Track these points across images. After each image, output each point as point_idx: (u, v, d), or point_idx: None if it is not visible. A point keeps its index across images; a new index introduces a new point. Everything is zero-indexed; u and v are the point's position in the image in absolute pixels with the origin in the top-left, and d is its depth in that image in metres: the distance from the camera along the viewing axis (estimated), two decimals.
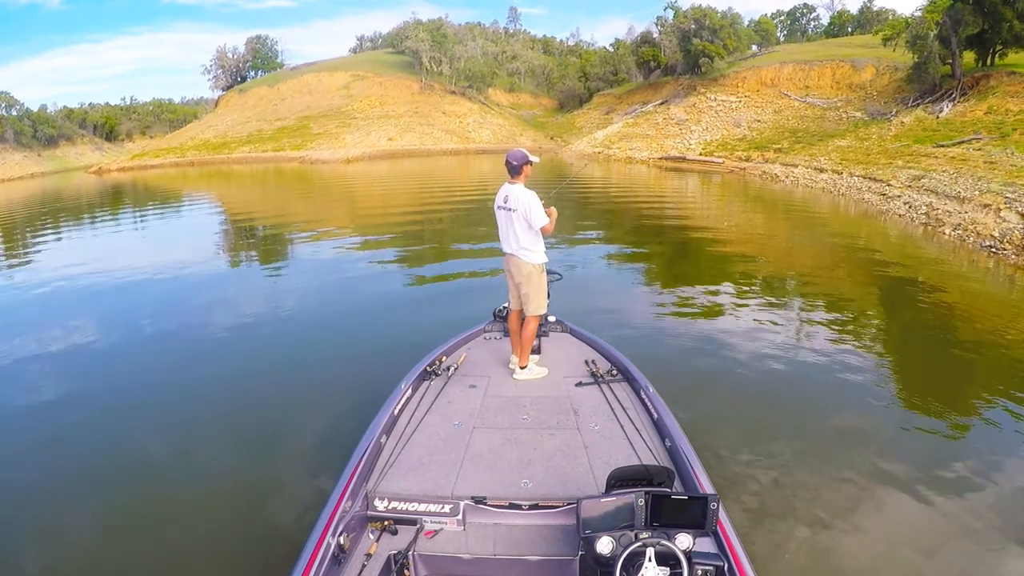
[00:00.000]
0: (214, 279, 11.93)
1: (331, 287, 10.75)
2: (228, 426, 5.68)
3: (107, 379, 7.00)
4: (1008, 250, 11.70)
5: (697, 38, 46.44)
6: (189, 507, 4.43)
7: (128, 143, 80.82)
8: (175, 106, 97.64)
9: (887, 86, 36.36)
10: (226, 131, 59.91)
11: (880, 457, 4.79)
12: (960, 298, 9.42)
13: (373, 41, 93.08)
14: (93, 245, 16.99)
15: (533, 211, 4.53)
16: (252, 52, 78.29)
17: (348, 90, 63.66)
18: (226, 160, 52.13)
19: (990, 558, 3.72)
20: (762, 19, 57.97)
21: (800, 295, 9.88)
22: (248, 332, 8.47)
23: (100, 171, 51.23)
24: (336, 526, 2.83)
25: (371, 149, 50.56)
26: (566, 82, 74.54)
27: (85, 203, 29.55)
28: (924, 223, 15.01)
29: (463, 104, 61.76)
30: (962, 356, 7.13)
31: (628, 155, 41.12)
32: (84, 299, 10.65)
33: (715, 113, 43.13)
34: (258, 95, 67.35)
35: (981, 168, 17.57)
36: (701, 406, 5.57)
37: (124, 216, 23.72)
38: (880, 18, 57.73)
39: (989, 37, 28.44)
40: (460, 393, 4.38)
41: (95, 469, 5.06)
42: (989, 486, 4.40)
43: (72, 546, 4.11)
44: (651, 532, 2.51)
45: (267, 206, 24.90)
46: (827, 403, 5.85)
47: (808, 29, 76.50)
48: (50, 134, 67.25)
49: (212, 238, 17.18)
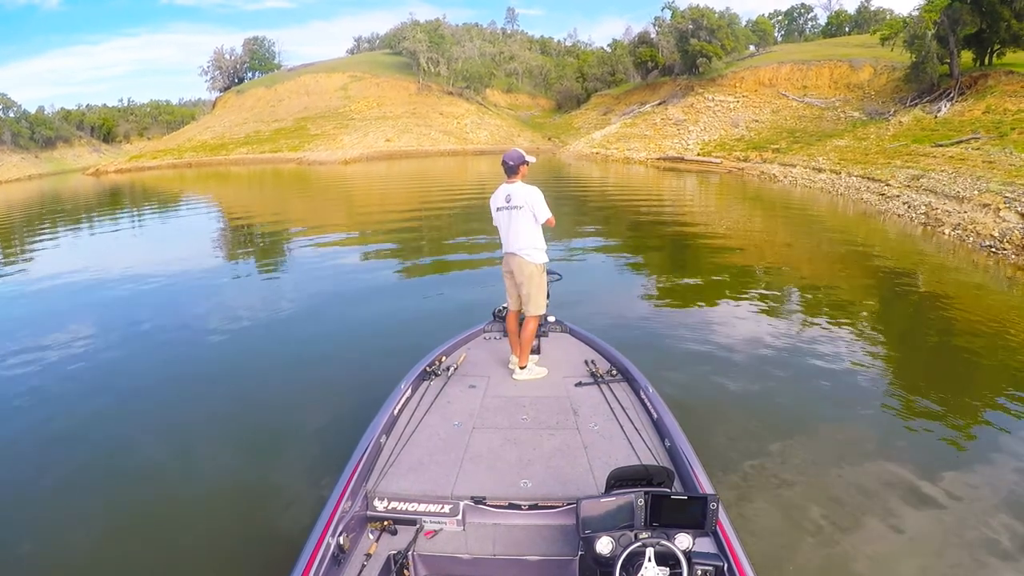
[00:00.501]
0: (213, 280, 11.86)
1: (330, 288, 10.67)
2: (228, 426, 5.67)
3: (106, 379, 6.94)
4: (1008, 250, 11.67)
5: (695, 38, 46.48)
6: (189, 507, 4.43)
7: (126, 145, 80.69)
8: (173, 107, 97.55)
9: (885, 86, 36.36)
10: (223, 132, 59.85)
11: (880, 457, 4.77)
12: (961, 299, 9.38)
13: (370, 42, 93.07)
14: (91, 247, 16.93)
15: (538, 204, 4.60)
16: (249, 53, 78.25)
17: (346, 91, 63.59)
18: (223, 161, 52.03)
19: (990, 560, 3.70)
20: (759, 19, 58.01)
21: (800, 295, 9.85)
22: (248, 333, 8.44)
23: (97, 173, 51.14)
24: (336, 526, 2.82)
25: (369, 150, 50.50)
26: (564, 83, 74.52)
27: (83, 205, 29.45)
28: (923, 223, 14.98)
29: (461, 105, 61.73)
30: (963, 357, 7.09)
31: (626, 155, 41.10)
32: (83, 301, 10.55)
33: (713, 113, 43.13)
34: (255, 96, 67.29)
35: (980, 167, 17.55)
36: (700, 406, 5.54)
37: (122, 218, 23.63)
38: (877, 18, 57.79)
39: (987, 36, 28.43)
40: (460, 393, 4.38)
41: (95, 469, 5.04)
42: (990, 487, 4.38)
43: (72, 546, 4.10)
44: (651, 532, 2.50)
45: (265, 208, 24.80)
46: (827, 403, 5.82)
47: (806, 29, 76.66)
48: (47, 136, 67.16)
49: (210, 240, 17.10)
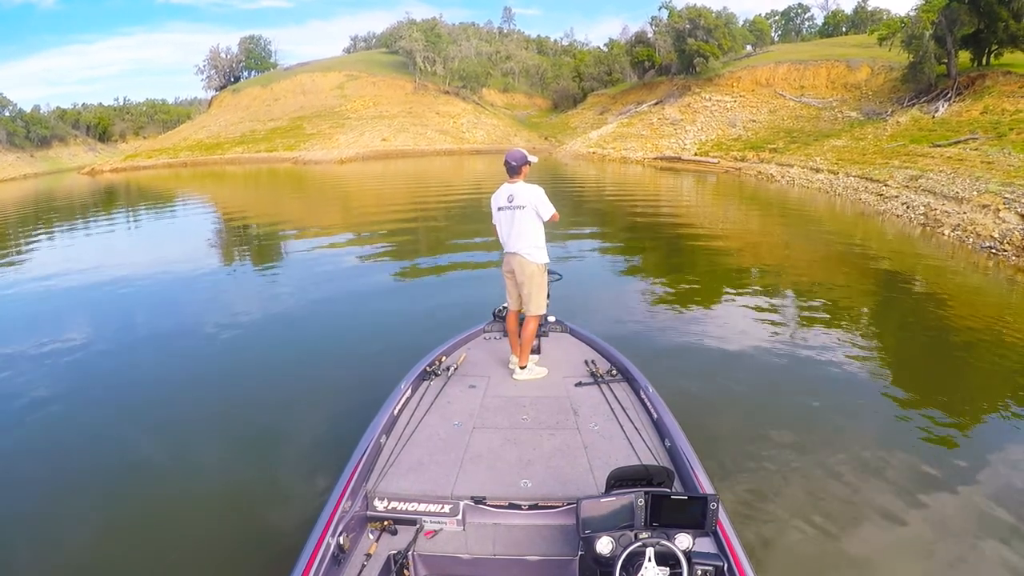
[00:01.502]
0: (211, 280, 11.70)
1: (329, 287, 10.57)
2: (228, 427, 5.64)
3: (105, 379, 6.90)
4: (1008, 251, 11.58)
5: (692, 38, 46.38)
6: (189, 507, 4.41)
7: (121, 144, 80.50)
8: (169, 107, 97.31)
9: (882, 86, 36.31)
10: (219, 132, 59.63)
11: (881, 457, 4.75)
12: (961, 301, 9.30)
13: (367, 41, 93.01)
14: (86, 247, 16.67)
15: (542, 203, 4.61)
16: (245, 52, 77.90)
17: (342, 90, 63.41)
18: (219, 161, 51.85)
19: (991, 559, 3.68)
20: (756, 19, 58.08)
21: (799, 296, 9.72)
22: (248, 333, 8.37)
23: (93, 172, 50.88)
24: (336, 526, 2.81)
25: (365, 149, 50.34)
26: (560, 82, 74.52)
27: (78, 204, 29.22)
28: (923, 224, 14.88)
29: (457, 104, 61.63)
30: (962, 357, 7.06)
31: (623, 155, 40.99)
32: (79, 301, 10.47)
33: (710, 113, 43.04)
34: (251, 95, 67.05)
35: (979, 168, 17.48)
36: (701, 406, 5.51)
37: (118, 218, 23.42)
38: (874, 18, 57.89)
39: (985, 37, 28.34)
40: (460, 393, 4.37)
41: (95, 470, 5.02)
42: (991, 487, 4.35)
43: (73, 546, 4.07)
44: (651, 532, 2.50)
45: (262, 208, 24.61)
46: (827, 404, 5.78)
47: (803, 29, 76.82)
48: (43, 135, 67.15)
49: (207, 240, 16.90)
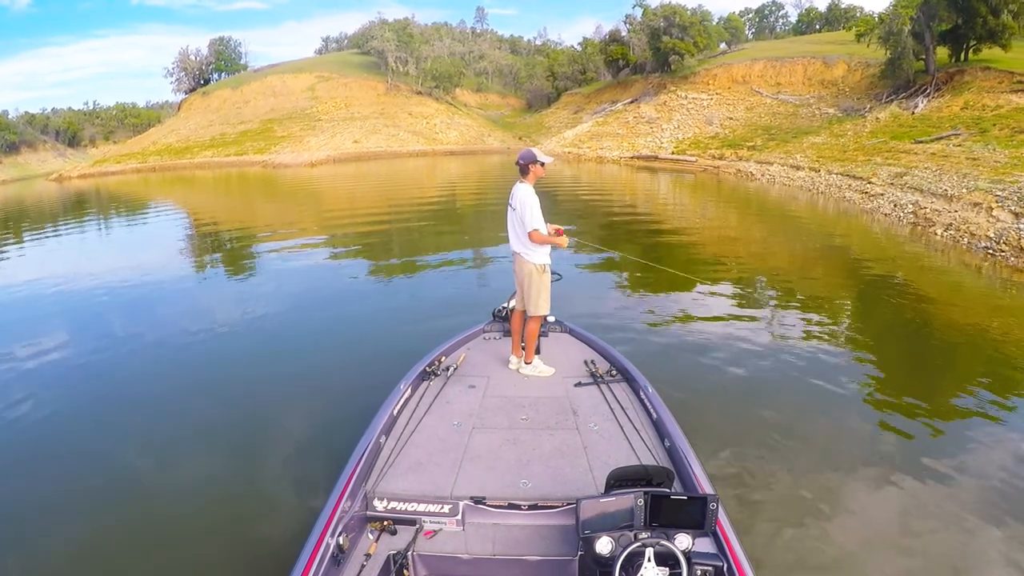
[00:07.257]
0: (187, 287, 11.27)
1: (326, 289, 10.46)
2: (227, 428, 5.57)
3: (97, 385, 6.72)
4: (1006, 251, 10.93)
5: (667, 35, 45.85)
6: (188, 508, 4.35)
7: (91, 148, 77.87)
8: (139, 110, 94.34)
9: (859, 82, 36.02)
10: (189, 135, 57.70)
11: (881, 457, 4.74)
12: (962, 302, 9.00)
13: (339, 42, 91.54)
14: (59, 257, 15.36)
15: (527, 211, 4.51)
16: (215, 54, 75.64)
17: (313, 92, 61.82)
18: (188, 165, 50.00)
19: (991, 559, 3.64)
20: (731, 16, 57.93)
21: (797, 297, 9.35)
22: (243, 336, 8.20)
23: (61, 178, 48.62)
24: (335, 526, 2.79)
25: (336, 152, 48.89)
26: (534, 82, 74.04)
27: (48, 212, 27.83)
28: (912, 223, 14.23)
29: (430, 105, 60.46)
30: (962, 357, 7.05)
31: (599, 154, 40.27)
32: (58, 311, 9.73)
33: (686, 111, 42.49)
34: (221, 98, 64.99)
35: (964, 164, 16.97)
36: (700, 406, 5.48)
37: (88, 225, 21.89)
38: (848, 16, 58.07)
39: (963, 32, 28.05)
40: (459, 393, 4.37)
41: (94, 469, 4.96)
42: (991, 489, 4.30)
43: (73, 548, 4.00)
44: (650, 532, 2.49)
45: (233, 213, 23.39)
46: (828, 404, 5.72)
47: (776, 27, 77.14)
48: (11, 141, 65.18)
49: (181, 247, 15.84)
